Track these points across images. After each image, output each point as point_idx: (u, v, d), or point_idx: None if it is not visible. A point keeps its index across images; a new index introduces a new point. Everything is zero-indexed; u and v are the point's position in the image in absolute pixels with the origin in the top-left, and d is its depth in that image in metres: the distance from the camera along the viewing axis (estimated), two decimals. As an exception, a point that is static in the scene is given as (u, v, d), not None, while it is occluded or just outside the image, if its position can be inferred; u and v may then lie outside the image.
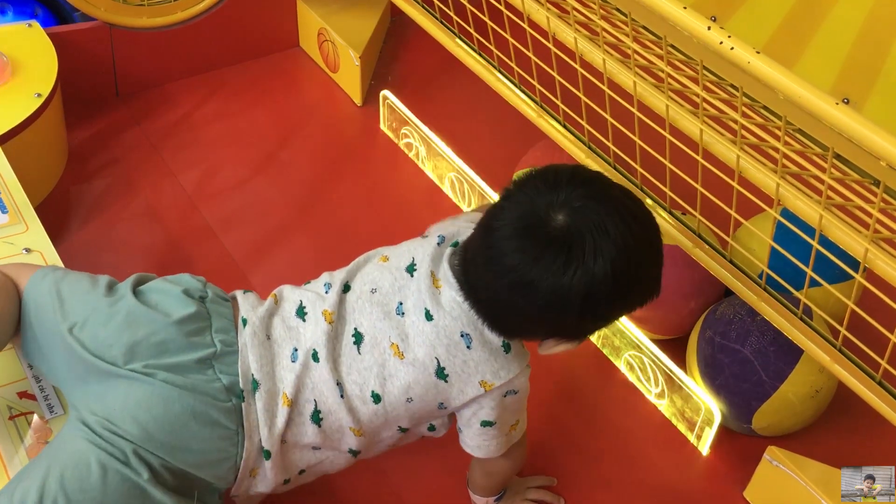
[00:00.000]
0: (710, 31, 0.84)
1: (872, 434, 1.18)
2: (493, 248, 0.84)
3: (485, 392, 0.90)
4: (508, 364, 0.90)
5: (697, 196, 1.03)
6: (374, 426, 0.91)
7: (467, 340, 0.89)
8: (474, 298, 0.88)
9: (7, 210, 1.17)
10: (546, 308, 0.82)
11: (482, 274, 0.86)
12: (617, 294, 0.83)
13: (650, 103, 1.05)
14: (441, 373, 0.89)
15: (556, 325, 0.87)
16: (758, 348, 1.11)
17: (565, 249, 0.80)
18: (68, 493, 0.81)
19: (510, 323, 0.88)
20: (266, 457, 0.89)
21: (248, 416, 0.87)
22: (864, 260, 0.87)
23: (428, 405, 0.91)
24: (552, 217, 0.81)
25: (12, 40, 1.45)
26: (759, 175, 0.96)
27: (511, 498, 1.09)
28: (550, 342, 0.89)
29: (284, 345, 0.90)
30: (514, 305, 0.84)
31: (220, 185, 1.51)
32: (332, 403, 0.89)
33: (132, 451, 0.83)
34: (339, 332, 0.91)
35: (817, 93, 0.77)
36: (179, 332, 0.87)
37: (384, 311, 0.91)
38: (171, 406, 0.84)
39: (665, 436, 1.21)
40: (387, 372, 0.89)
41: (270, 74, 1.75)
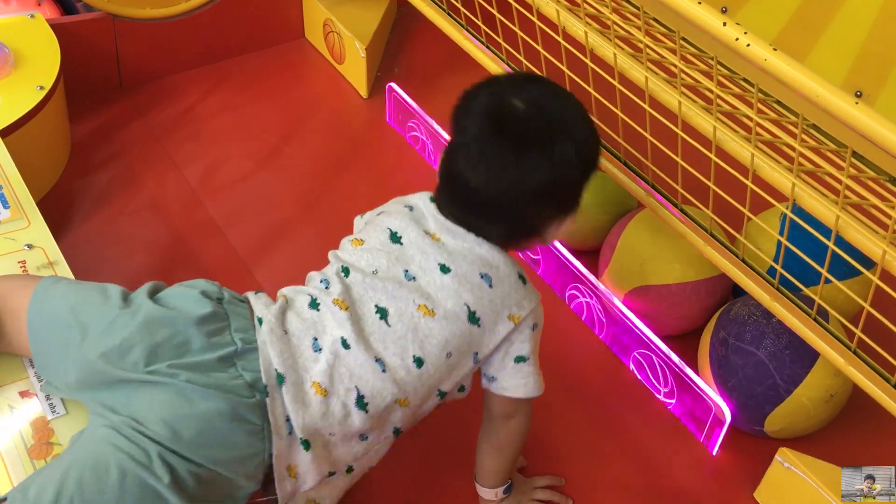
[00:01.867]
0: (725, 28, 0.82)
1: (885, 436, 1.17)
2: (478, 161, 0.90)
3: (514, 326, 0.94)
4: (528, 294, 0.95)
5: (710, 194, 1.01)
6: (420, 394, 0.93)
7: (487, 280, 0.93)
8: (478, 225, 0.94)
9: (9, 205, 1.15)
10: (550, 185, 0.90)
11: (482, 195, 0.91)
12: (593, 139, 0.94)
13: (662, 99, 1.04)
14: (473, 317, 0.92)
15: (556, 201, 0.93)
16: (773, 351, 1.09)
17: (539, 125, 0.89)
18: (85, 494, 0.80)
19: (525, 227, 0.95)
20: (306, 448, 0.88)
21: (273, 410, 0.87)
22: (882, 262, 0.85)
23: (464, 357, 0.94)
24: (512, 104, 0.90)
25: (15, 32, 1.43)
26: (773, 174, 0.94)
27: (518, 498, 1.09)
28: (554, 226, 0.95)
29: (303, 337, 0.90)
30: (523, 207, 0.91)
31: (225, 179, 1.50)
32: (375, 382, 0.90)
33: (157, 453, 0.82)
34: (359, 314, 0.92)
35: (836, 91, 0.75)
36: (199, 332, 0.87)
37: (396, 283, 0.93)
38: (196, 405, 0.84)
39: (674, 435, 1.19)
40: (422, 334, 0.91)
41: (275, 66, 1.73)
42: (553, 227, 0.95)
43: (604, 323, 1.28)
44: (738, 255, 1.05)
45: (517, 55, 1.23)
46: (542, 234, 0.96)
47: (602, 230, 1.34)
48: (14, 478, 0.88)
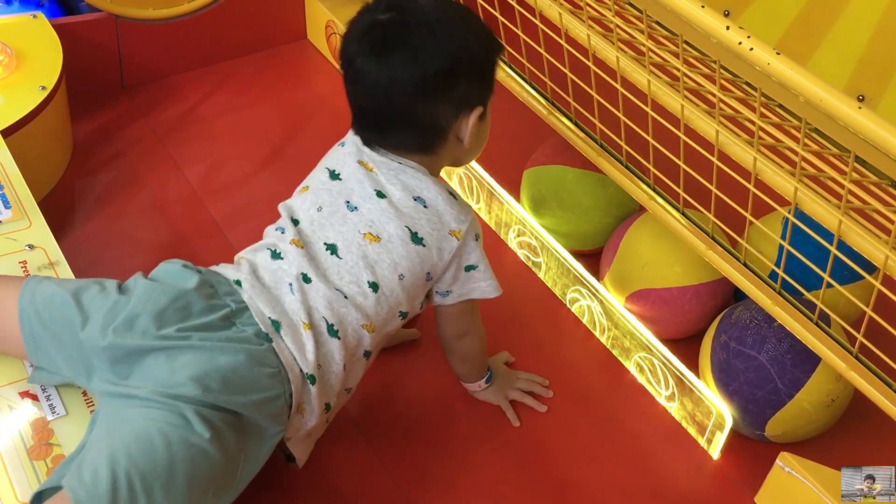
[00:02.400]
0: (728, 31, 0.81)
1: (887, 441, 1.17)
2: (354, 74, 0.97)
3: (458, 241, 1.00)
4: (462, 208, 1.02)
5: (712, 197, 1.01)
6: (381, 317, 0.99)
7: (421, 202, 1.00)
8: (393, 142, 1.00)
9: (10, 205, 1.15)
10: (421, 84, 0.95)
11: (366, 105, 0.99)
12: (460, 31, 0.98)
13: (665, 102, 1.03)
14: (416, 237, 0.99)
15: (451, 94, 0.97)
16: (774, 356, 1.09)
17: (401, 31, 0.95)
18: (139, 466, 0.82)
19: (428, 126, 0.98)
20: (311, 381, 0.94)
21: (281, 352, 0.92)
22: (885, 267, 0.85)
23: (417, 277, 1.00)
24: (379, 18, 0.96)
25: (17, 32, 1.43)
26: (776, 178, 0.94)
27: (500, 386, 1.19)
28: (464, 122, 0.99)
29: (280, 285, 0.96)
30: (410, 107, 0.96)
31: (226, 180, 1.50)
32: (340, 310, 0.96)
33: (194, 411, 0.85)
34: (312, 253, 0.98)
35: (840, 96, 0.75)
36: (198, 297, 0.92)
37: (340, 216, 0.99)
38: (216, 360, 0.88)
39: (675, 439, 1.19)
40: (371, 260, 0.98)
41: (277, 67, 1.73)
42: (462, 125, 1.00)
43: (605, 326, 1.28)
44: (740, 258, 1.05)
45: (519, 58, 1.23)
46: (455, 134, 1.00)
47: (604, 233, 1.34)
48: (14, 478, 0.88)
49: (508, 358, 1.24)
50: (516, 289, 1.36)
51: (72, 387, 0.97)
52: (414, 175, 1.01)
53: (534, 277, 1.38)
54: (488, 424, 1.17)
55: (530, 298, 1.35)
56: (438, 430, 1.16)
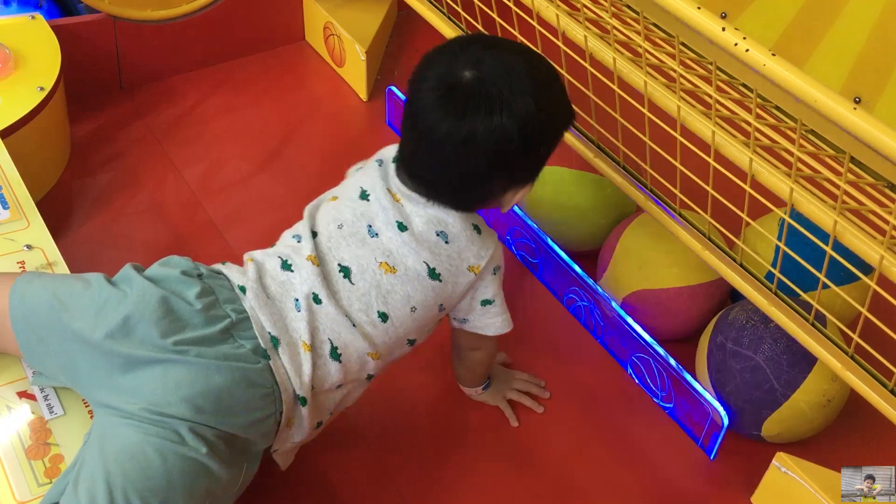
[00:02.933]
0: (724, 33, 0.82)
1: (883, 441, 1.17)
2: (422, 127, 0.92)
3: (475, 276, 0.99)
4: (485, 242, 0.99)
5: (708, 198, 1.01)
6: (388, 346, 0.97)
7: (444, 237, 0.97)
8: (431, 190, 0.96)
9: (8, 206, 1.16)
10: (492, 156, 0.92)
11: (425, 158, 0.95)
12: (546, 121, 0.94)
13: (661, 103, 1.04)
14: (433, 273, 0.96)
15: (506, 172, 0.95)
16: (770, 356, 1.09)
17: (484, 97, 0.90)
18: (136, 484, 0.81)
19: (470, 192, 0.96)
20: (302, 403, 0.92)
21: (277, 371, 0.90)
22: (880, 267, 0.86)
23: (430, 310, 0.98)
24: (462, 75, 0.91)
25: (15, 33, 1.43)
26: (771, 178, 0.94)
27: (498, 387, 1.19)
28: (510, 195, 0.98)
29: (285, 299, 0.94)
30: (464, 172, 0.93)
31: (225, 181, 1.50)
32: (346, 336, 0.94)
33: (188, 428, 0.84)
34: (326, 272, 0.95)
35: (835, 97, 0.76)
36: (197, 308, 0.90)
37: (358, 239, 0.97)
38: (211, 379, 0.86)
39: (671, 440, 1.19)
40: (384, 290, 0.95)
41: (276, 68, 1.73)
42: (508, 196, 0.99)
43: (602, 326, 1.28)
44: (737, 259, 1.06)
45: (517, 59, 1.23)
46: (498, 202, 1.00)
47: (601, 234, 1.34)
48: (12, 478, 0.88)
49: (505, 359, 1.24)
50: (513, 290, 1.37)
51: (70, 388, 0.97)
52: (442, 209, 0.97)
53: (531, 278, 1.38)
54: (486, 425, 1.18)
55: (527, 299, 1.36)
56: (436, 431, 1.17)
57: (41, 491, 0.87)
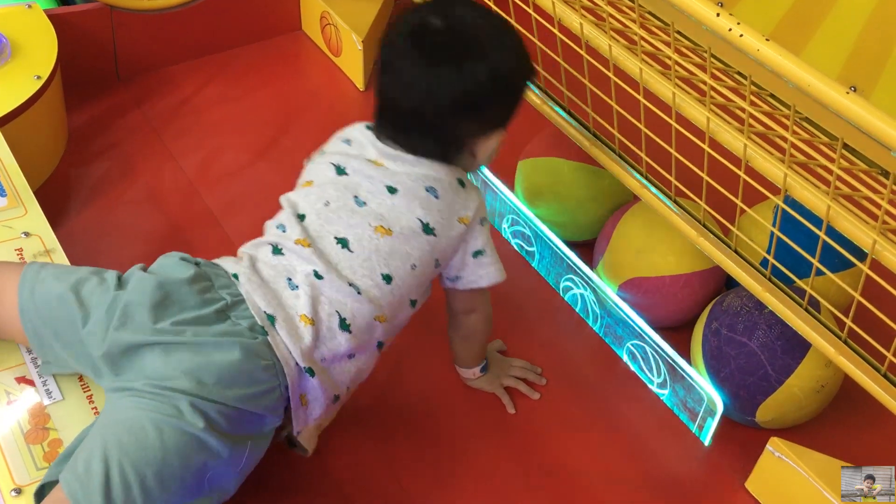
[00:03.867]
0: (719, 18, 0.82)
1: (876, 426, 1.18)
2: (395, 72, 0.99)
3: (466, 227, 1.02)
4: (469, 195, 1.03)
5: (703, 185, 1.02)
6: (393, 307, 0.99)
7: (433, 192, 1.00)
8: (410, 139, 1.01)
9: (6, 193, 1.16)
10: (461, 97, 0.97)
11: (400, 102, 0.99)
12: (512, 68, 1.01)
13: (656, 91, 1.04)
14: (427, 228, 0.99)
15: (475, 114, 1.00)
16: (764, 342, 1.10)
17: (453, 42, 0.97)
18: (131, 456, 0.82)
19: (450, 139, 1.01)
20: (311, 374, 0.93)
21: (277, 346, 0.91)
22: (873, 252, 0.86)
23: (428, 266, 1.01)
24: (433, 23, 0.98)
25: (12, 22, 1.43)
26: (766, 164, 0.95)
27: (495, 373, 1.20)
28: (482, 142, 1.02)
29: (278, 280, 0.95)
30: (435, 114, 0.98)
31: (221, 170, 1.50)
32: (353, 304, 0.95)
33: (188, 403, 0.85)
34: (322, 249, 0.97)
35: (828, 81, 0.76)
36: (191, 291, 0.92)
37: (348, 211, 0.99)
38: (210, 354, 0.88)
39: (667, 426, 1.20)
40: (384, 252, 0.98)
41: (272, 58, 1.73)
42: (480, 144, 1.03)
43: (598, 314, 1.29)
44: (731, 246, 1.06)
45: (513, 47, 1.23)
46: (472, 150, 1.03)
47: (597, 223, 1.35)
48: (10, 462, 0.89)
49: (502, 346, 1.25)
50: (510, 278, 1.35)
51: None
52: (428, 165, 1.01)
53: (528, 266, 1.39)
54: (482, 413, 1.18)
55: (524, 287, 1.36)
56: (434, 419, 1.17)
57: (39, 475, 0.88)
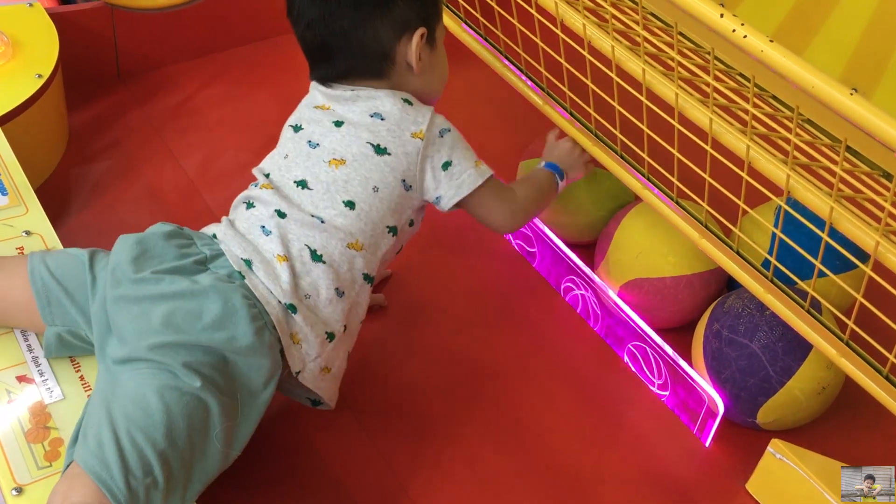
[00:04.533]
0: (722, 19, 0.82)
1: (877, 428, 1.18)
2: (299, 13, 1.06)
3: (422, 141, 1.04)
4: (419, 111, 1.06)
5: (705, 186, 1.02)
6: (367, 234, 1.02)
7: (378, 116, 1.05)
8: (344, 72, 1.07)
9: (7, 192, 1.16)
10: (365, 9, 1.03)
11: (319, 41, 1.06)
12: None
13: (659, 92, 1.04)
14: (379, 149, 1.03)
15: (390, 14, 1.04)
16: (766, 343, 1.10)
17: None
18: (138, 423, 0.84)
19: (372, 51, 1.05)
20: (293, 311, 0.96)
21: (255, 287, 0.94)
22: (875, 253, 0.86)
23: (393, 188, 1.03)
24: None
25: (13, 20, 1.43)
26: (768, 166, 0.95)
27: (571, 164, 1.24)
28: (406, 45, 1.06)
29: (252, 230, 1.00)
30: (356, 31, 1.04)
31: (222, 169, 1.50)
32: (320, 235, 0.99)
33: (180, 364, 0.87)
34: (284, 193, 1.02)
35: (832, 82, 0.76)
36: (170, 245, 0.96)
37: (303, 155, 1.05)
38: (187, 302, 0.90)
39: (667, 427, 1.20)
40: (341, 181, 1.01)
41: (273, 57, 1.73)
42: (406, 50, 1.06)
43: (599, 315, 1.29)
44: (733, 247, 1.06)
45: (515, 48, 1.23)
46: (404, 60, 1.07)
47: (598, 225, 1.35)
48: (11, 461, 0.88)
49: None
50: (511, 278, 1.37)
51: (69, 371, 0.97)
52: (369, 95, 1.06)
53: (528, 267, 1.39)
54: (482, 413, 1.18)
55: (525, 288, 1.36)
56: (434, 417, 1.17)
57: (41, 474, 0.88)
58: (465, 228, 1.40)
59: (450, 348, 1.24)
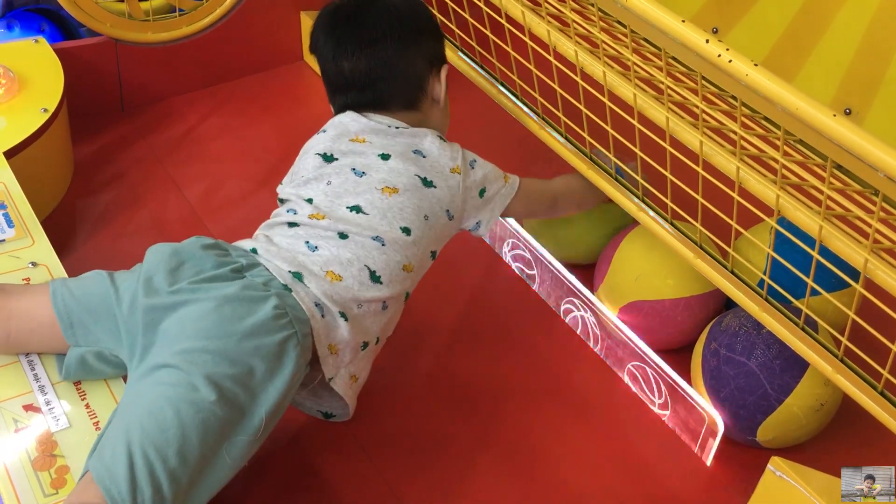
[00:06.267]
0: (708, 45, 0.84)
1: (876, 444, 1.18)
2: (338, 46, 1.15)
3: (460, 175, 1.12)
4: (451, 147, 1.14)
5: (698, 207, 1.03)
6: (418, 258, 1.08)
7: (420, 154, 1.11)
8: (382, 97, 1.15)
9: (13, 224, 1.18)
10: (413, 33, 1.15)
11: (361, 69, 1.14)
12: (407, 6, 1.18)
13: (651, 115, 1.06)
14: (426, 182, 1.09)
15: (423, 53, 1.16)
16: (763, 362, 1.11)
17: (363, 5, 1.16)
18: (152, 438, 0.85)
19: (414, 79, 1.16)
20: (345, 319, 1.00)
21: (302, 300, 0.97)
22: (865, 270, 0.87)
23: (440, 218, 1.10)
24: (341, 4, 1.18)
25: (19, 56, 1.46)
26: (759, 186, 0.96)
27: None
28: (435, 80, 1.18)
29: (296, 245, 1.02)
30: (398, 58, 1.14)
31: (225, 199, 1.52)
32: (380, 256, 1.03)
33: (202, 376, 0.88)
34: (339, 217, 1.05)
35: (814, 104, 0.78)
36: (209, 255, 0.98)
37: (353, 183, 1.08)
38: (222, 310, 0.92)
39: (668, 446, 1.20)
40: (397, 208, 1.06)
41: (274, 88, 1.76)
42: (435, 83, 1.17)
43: (598, 336, 1.30)
44: (728, 267, 1.08)
45: (510, 74, 1.26)
46: (431, 94, 1.17)
47: (596, 247, 1.36)
48: (18, 489, 0.90)
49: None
50: (511, 301, 1.39)
51: (75, 399, 0.99)
52: (410, 134, 1.13)
53: (528, 290, 1.40)
54: (484, 432, 1.19)
55: (525, 310, 1.37)
56: (436, 439, 1.18)
57: (47, 501, 0.89)
58: (464, 252, 1.42)
59: (451, 370, 1.25)
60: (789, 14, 1.54)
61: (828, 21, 1.53)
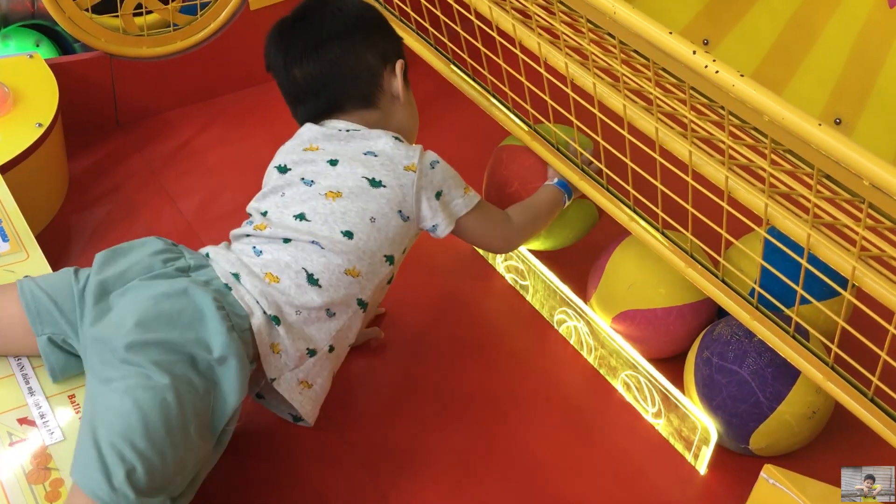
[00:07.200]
0: (695, 56, 0.85)
1: (868, 451, 1.18)
2: (287, 56, 1.16)
3: (415, 174, 1.10)
4: (409, 147, 1.13)
5: (689, 216, 1.04)
6: (365, 262, 1.06)
7: (371, 154, 1.11)
8: (337, 99, 1.16)
9: (8, 238, 1.18)
10: (358, 28, 1.16)
11: (311, 74, 1.15)
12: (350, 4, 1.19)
13: (640, 126, 1.07)
14: (374, 182, 1.08)
15: (372, 48, 1.16)
16: (755, 369, 1.12)
17: (309, 10, 1.19)
18: (117, 429, 0.88)
19: (368, 75, 1.16)
20: (277, 322, 1.00)
21: (242, 298, 0.99)
22: (852, 278, 0.88)
23: (390, 219, 1.08)
24: (285, 18, 1.20)
25: (14, 71, 1.47)
26: (747, 195, 0.97)
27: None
28: (394, 76, 1.17)
29: (245, 248, 1.06)
30: (347, 56, 1.15)
31: (220, 211, 1.53)
32: (318, 259, 1.03)
33: (152, 363, 0.91)
34: (284, 224, 1.06)
35: (800, 114, 0.79)
36: (158, 259, 1.01)
37: (301, 192, 1.09)
38: (161, 302, 0.95)
39: (662, 455, 1.21)
40: (339, 212, 1.06)
41: (269, 101, 1.75)
42: (391, 79, 1.17)
43: (592, 346, 1.31)
44: (718, 276, 1.08)
45: (502, 87, 1.27)
46: (389, 90, 1.17)
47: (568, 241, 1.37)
48: (13, 501, 0.90)
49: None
50: (505, 311, 1.39)
51: (69, 411, 0.99)
52: (363, 136, 1.12)
53: (521, 300, 1.41)
54: (478, 443, 1.19)
55: (519, 320, 1.38)
56: (430, 448, 1.18)
57: (42, 514, 0.89)
58: (458, 262, 1.43)
59: (444, 381, 1.25)
60: (779, 25, 1.56)
61: (817, 32, 1.55)
